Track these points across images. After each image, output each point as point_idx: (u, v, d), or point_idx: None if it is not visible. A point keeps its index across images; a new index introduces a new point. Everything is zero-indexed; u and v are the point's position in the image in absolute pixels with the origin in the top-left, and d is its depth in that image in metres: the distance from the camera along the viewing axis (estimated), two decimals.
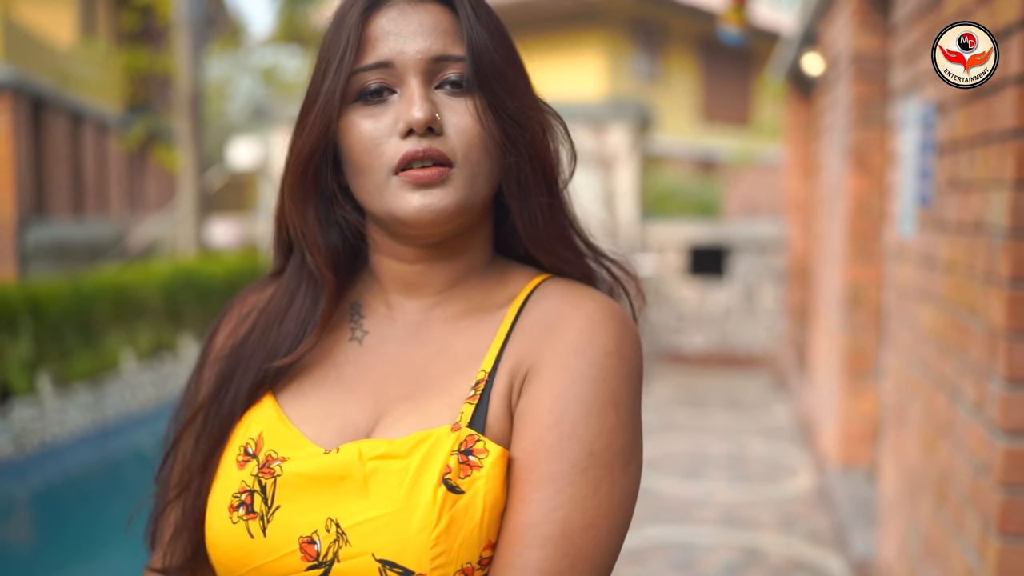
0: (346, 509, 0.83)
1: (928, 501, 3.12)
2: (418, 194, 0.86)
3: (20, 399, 7.28)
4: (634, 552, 4.63)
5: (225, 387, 0.93)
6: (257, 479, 0.87)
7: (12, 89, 11.26)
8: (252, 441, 0.89)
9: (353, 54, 0.87)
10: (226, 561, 0.87)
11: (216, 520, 0.88)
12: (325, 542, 0.83)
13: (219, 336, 1.01)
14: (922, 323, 3.28)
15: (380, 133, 0.87)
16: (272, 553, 0.84)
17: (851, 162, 5.01)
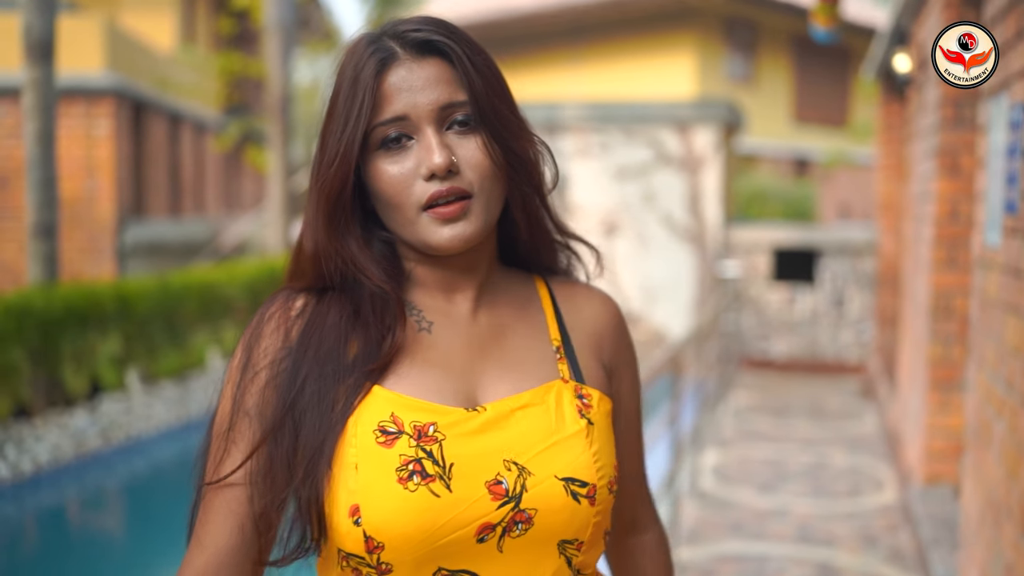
0: (516, 449, 1.01)
1: (1012, 527, 2.95)
2: (446, 228, 1.02)
3: (109, 394, 7.52)
4: (704, 564, 4.51)
5: (320, 389, 1.01)
6: (419, 448, 0.98)
7: (115, 94, 11.63)
8: (387, 422, 0.99)
9: (370, 110, 1.01)
10: (410, 530, 0.96)
11: (388, 497, 0.96)
12: (511, 479, 0.99)
13: (260, 347, 1.05)
14: (1007, 338, 3.10)
15: (406, 175, 1.02)
16: (461, 503, 0.97)
17: (939, 164, 4.79)
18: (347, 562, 1.00)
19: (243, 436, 1.02)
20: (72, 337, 7.00)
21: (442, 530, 0.97)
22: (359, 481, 0.97)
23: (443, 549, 0.98)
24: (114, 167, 11.65)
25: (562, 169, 6.83)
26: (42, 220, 7.22)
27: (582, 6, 18.03)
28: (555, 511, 1.00)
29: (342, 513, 0.98)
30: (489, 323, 1.11)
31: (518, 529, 0.99)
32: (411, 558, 0.97)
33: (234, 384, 1.04)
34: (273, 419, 1.01)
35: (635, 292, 10.44)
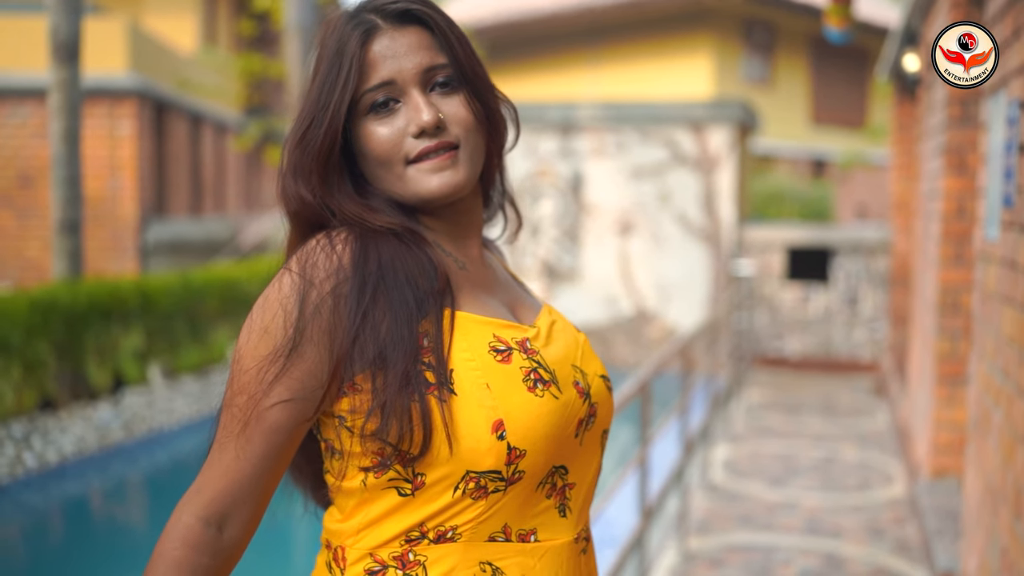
0: (571, 355, 1.16)
1: (1007, 511, 3.03)
2: (435, 176, 1.10)
3: (132, 388, 7.67)
4: (714, 554, 4.60)
5: (393, 313, 1.05)
6: (530, 359, 1.09)
7: (137, 95, 11.81)
8: (495, 342, 1.09)
9: (357, 77, 1.09)
10: (548, 431, 1.07)
11: (527, 406, 1.06)
12: (582, 379, 1.14)
13: (317, 277, 1.05)
14: (1004, 328, 3.19)
15: (395, 134, 1.10)
16: (569, 403, 1.10)
17: (946, 162, 4.87)
18: (464, 485, 1.04)
19: (305, 360, 1.03)
20: (96, 332, 7.15)
21: (565, 429, 1.09)
22: (497, 397, 1.04)
23: (560, 447, 1.09)
24: (137, 166, 11.83)
25: (578, 169, 7.10)
26: (67, 217, 7.38)
27: (600, 7, 18.09)
28: (604, 403, 1.17)
29: (483, 431, 1.03)
30: (489, 262, 1.23)
31: (590, 422, 1.14)
32: (543, 460, 1.07)
33: (287, 321, 1.03)
34: (345, 339, 1.04)
35: (650, 290, 10.52)
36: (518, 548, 1.08)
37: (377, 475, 1.07)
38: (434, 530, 1.06)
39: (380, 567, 1.07)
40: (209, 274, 8.77)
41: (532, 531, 1.09)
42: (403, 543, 1.07)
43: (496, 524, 1.07)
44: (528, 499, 1.08)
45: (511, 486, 1.06)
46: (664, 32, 18.26)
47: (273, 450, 1.06)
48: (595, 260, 10.71)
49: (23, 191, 11.74)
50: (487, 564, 1.07)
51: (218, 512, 1.06)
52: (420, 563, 1.06)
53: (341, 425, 1.08)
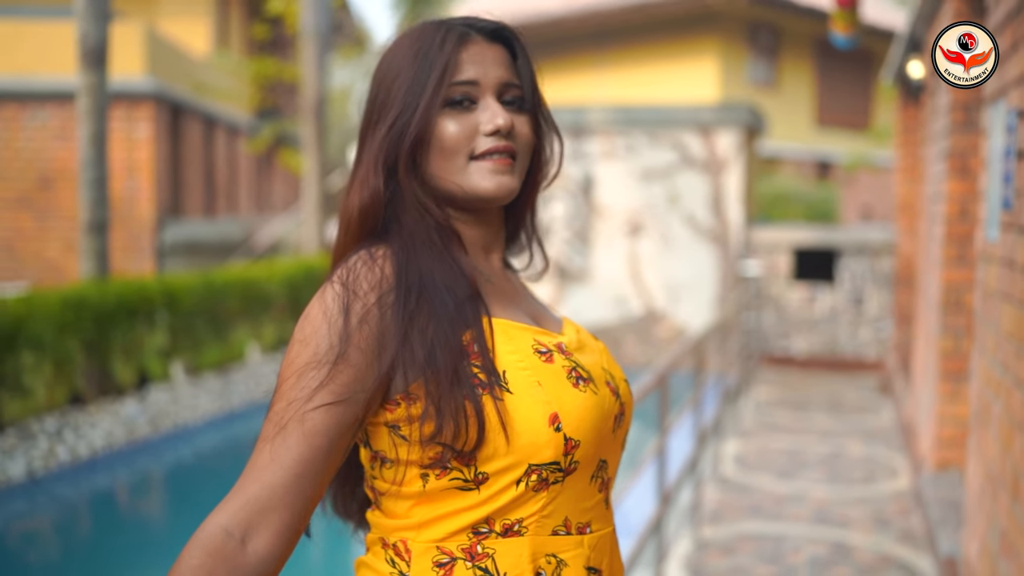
0: (599, 360, 1.25)
1: (1006, 496, 3.21)
2: (496, 176, 1.17)
3: (156, 385, 7.88)
4: (725, 542, 4.78)
5: (435, 319, 1.10)
6: (570, 360, 1.17)
7: (154, 98, 12.02)
8: (537, 344, 1.16)
9: (452, 71, 1.17)
10: (595, 423, 1.14)
11: (576, 400, 1.13)
12: (612, 381, 1.22)
13: (361, 289, 1.10)
14: (1003, 324, 3.37)
15: (468, 130, 1.17)
16: (605, 399, 1.18)
17: (949, 166, 5.05)
18: (527, 478, 1.09)
19: (352, 366, 1.06)
20: (123, 330, 7.36)
21: (606, 423, 1.17)
22: (549, 392, 1.11)
23: (603, 440, 1.17)
24: (153, 168, 12.04)
25: (588, 171, 7.36)
26: (94, 218, 7.59)
27: (606, 11, 18.25)
28: (629, 404, 1.24)
29: (541, 424, 1.08)
30: (511, 276, 1.30)
31: (621, 420, 1.22)
32: (593, 451, 1.14)
33: (332, 331, 1.07)
34: (391, 345, 1.08)
35: (659, 290, 10.71)
36: (578, 540, 1.14)
37: (439, 476, 1.10)
38: (500, 523, 1.10)
39: (449, 559, 1.09)
40: (229, 274, 8.97)
41: (588, 523, 1.16)
42: (470, 536, 1.10)
43: (558, 518, 1.13)
44: (583, 492, 1.15)
45: (568, 476, 1.12)
46: (670, 35, 18.41)
47: (312, 455, 1.04)
48: (605, 261, 10.91)
49: (43, 193, 11.96)
50: (552, 556, 1.12)
51: (243, 521, 1.01)
52: (489, 555, 1.10)
53: (395, 434, 1.11)
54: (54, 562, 5.66)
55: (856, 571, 4.42)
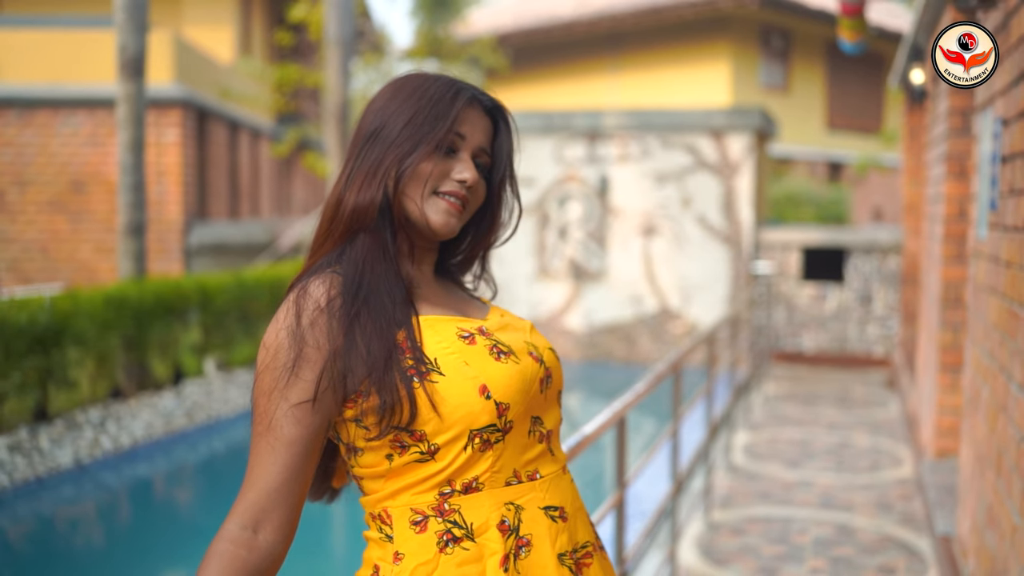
0: (523, 336, 1.44)
1: (992, 473, 3.50)
2: (447, 216, 1.39)
3: (191, 379, 8.23)
4: (735, 524, 5.08)
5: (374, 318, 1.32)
6: (488, 338, 1.36)
7: (182, 104, 12.38)
8: (460, 331, 1.36)
9: (454, 121, 1.39)
10: (519, 386, 1.34)
11: (498, 371, 1.32)
12: (535, 351, 1.41)
13: (308, 304, 1.30)
14: (989, 315, 3.65)
15: (444, 170, 1.40)
16: (527, 366, 1.37)
17: (948, 169, 5.33)
18: (471, 443, 1.30)
19: (310, 362, 1.27)
20: (159, 327, 7.70)
21: (531, 385, 1.37)
22: (475, 369, 1.31)
23: (530, 400, 1.37)
24: (181, 172, 12.39)
25: (604, 173, 7.76)
26: (132, 220, 7.94)
27: (619, 15, 18.50)
28: (556, 369, 1.45)
29: (473, 395, 1.29)
30: (445, 283, 1.50)
31: (549, 381, 1.42)
32: (523, 410, 1.35)
33: (289, 336, 1.28)
34: (338, 340, 1.29)
35: (672, 290, 11.01)
36: (529, 487, 1.35)
37: (401, 454, 1.30)
38: (460, 483, 1.30)
39: (422, 517, 1.30)
40: (259, 274, 9.31)
41: (535, 471, 1.36)
42: (437, 497, 1.30)
43: (507, 471, 1.33)
44: (524, 446, 1.35)
45: (507, 435, 1.32)
46: (683, 39, 18.65)
47: (293, 461, 1.27)
48: (620, 261, 11.21)
49: (76, 196, 12.34)
50: (510, 504, 1.32)
51: (252, 518, 1.26)
52: (456, 510, 1.30)
53: (358, 426, 1.31)
54: (101, 543, 6.01)
55: (859, 550, 4.71)
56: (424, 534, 1.29)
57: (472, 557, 1.29)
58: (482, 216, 1.51)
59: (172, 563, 5.62)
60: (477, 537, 1.30)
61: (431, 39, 15.71)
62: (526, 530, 1.32)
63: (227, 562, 1.24)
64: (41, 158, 12.30)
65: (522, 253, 11.46)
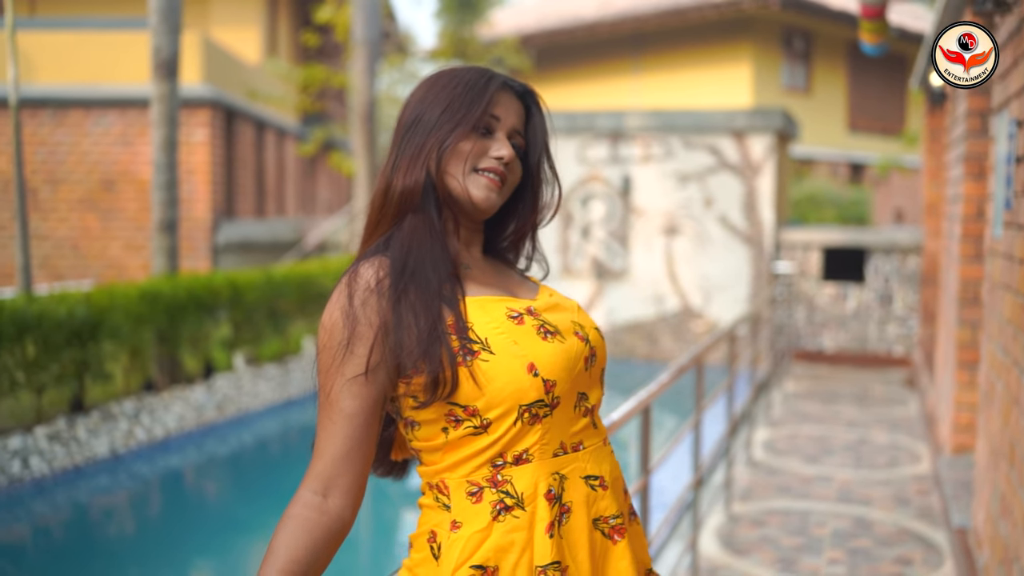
0: (570, 316, 1.51)
1: (1004, 464, 3.60)
2: (486, 190, 1.47)
3: (221, 374, 8.42)
4: (755, 516, 5.19)
5: (422, 296, 1.39)
6: (536, 318, 1.44)
7: (210, 104, 12.60)
8: (510, 311, 1.44)
9: (488, 103, 1.49)
10: (565, 364, 1.42)
11: (545, 349, 1.41)
12: (581, 331, 1.49)
13: (359, 286, 1.39)
14: (1004, 312, 3.75)
15: (482, 148, 1.48)
16: (573, 345, 1.45)
17: (966, 169, 5.42)
18: (521, 417, 1.37)
19: (363, 339, 1.36)
20: (191, 322, 7.89)
21: (576, 363, 1.44)
22: (523, 348, 1.39)
23: (575, 377, 1.44)
24: (209, 171, 12.60)
25: (627, 174, 7.94)
26: (165, 217, 8.13)
27: (642, 15, 18.58)
28: (600, 347, 1.52)
29: (521, 373, 1.37)
30: (489, 261, 1.58)
31: (593, 359, 1.48)
32: (569, 386, 1.42)
33: (343, 316, 1.37)
34: (387, 315, 1.37)
35: (694, 289, 11.12)
36: (574, 457, 1.43)
37: (455, 428, 1.38)
38: (511, 455, 1.38)
39: (477, 488, 1.38)
40: (288, 271, 9.49)
41: (580, 442, 1.45)
42: (490, 468, 1.38)
43: (555, 443, 1.41)
44: (570, 419, 1.43)
45: (554, 410, 1.40)
46: (705, 41, 18.71)
47: (353, 432, 1.37)
48: (643, 260, 11.33)
49: (106, 194, 12.58)
50: (556, 474, 1.41)
51: (322, 485, 1.37)
52: (508, 481, 1.38)
53: (415, 401, 1.39)
54: (136, 530, 6.19)
55: (876, 542, 4.81)
56: (479, 504, 1.38)
57: (522, 524, 1.38)
58: (523, 197, 1.59)
59: (204, 551, 5.79)
60: (527, 506, 1.38)
61: (456, 40, 15.87)
62: (567, 498, 1.42)
63: (300, 524, 1.34)
64: (73, 157, 12.55)
65: (545, 252, 11.56)
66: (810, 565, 4.47)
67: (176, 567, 5.54)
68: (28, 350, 6.33)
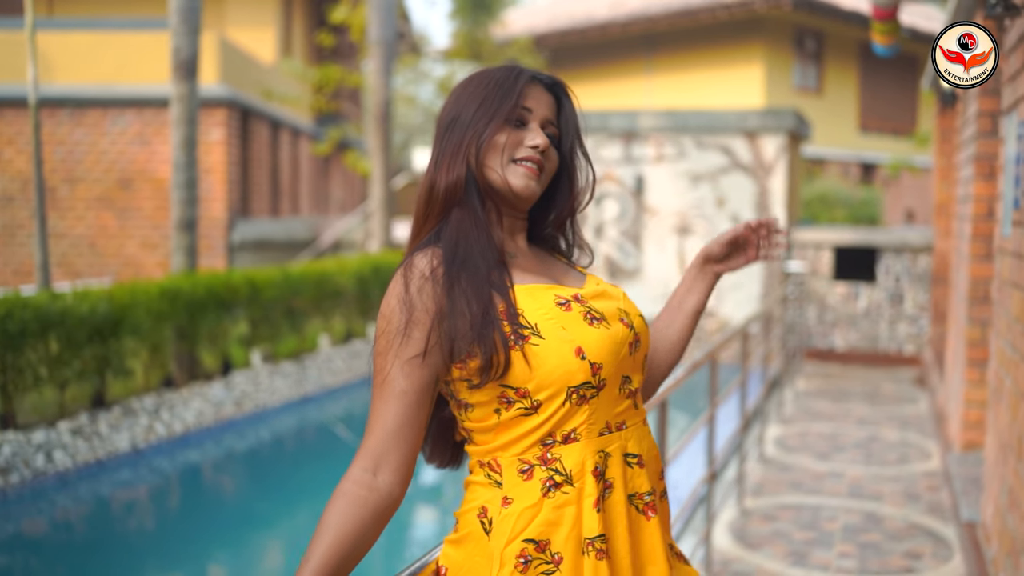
0: (616, 303, 1.57)
1: (1013, 458, 3.67)
2: (527, 179, 1.55)
3: (238, 370, 8.53)
4: (767, 511, 5.26)
5: (474, 284, 1.47)
6: (583, 305, 1.51)
7: (227, 104, 12.72)
8: (557, 298, 1.51)
9: (519, 96, 1.57)
10: (611, 348, 1.49)
11: (591, 334, 1.48)
12: (626, 318, 1.55)
13: (415, 275, 1.47)
14: (1012, 309, 3.83)
15: (513, 141, 1.56)
16: (619, 331, 1.52)
17: (976, 170, 5.48)
18: (569, 398, 1.45)
19: (419, 324, 1.44)
20: (209, 319, 8.01)
21: (621, 348, 1.51)
22: (571, 333, 1.47)
23: (620, 360, 1.52)
24: (225, 170, 12.73)
25: (639, 173, 8.06)
26: (185, 216, 8.25)
27: (654, 16, 18.65)
28: (644, 333, 1.59)
29: (570, 356, 1.44)
30: (534, 250, 1.65)
31: (637, 345, 1.55)
32: (614, 369, 1.49)
33: (400, 303, 1.45)
34: (442, 302, 1.45)
35: None
36: (617, 436, 1.50)
37: (507, 409, 1.45)
38: (560, 434, 1.45)
39: (528, 466, 1.45)
40: (306, 268, 9.61)
41: (623, 422, 1.52)
42: (540, 447, 1.45)
43: (600, 423, 1.48)
44: (615, 401, 1.51)
45: (600, 391, 1.47)
46: (717, 41, 18.77)
47: (405, 410, 1.44)
48: (655, 259, 11.41)
49: (123, 193, 12.72)
50: (601, 452, 1.48)
51: (372, 462, 1.43)
52: (557, 459, 1.45)
53: (468, 384, 1.46)
54: (157, 522, 6.30)
55: (886, 537, 4.88)
56: (530, 481, 1.45)
57: (570, 500, 1.45)
58: (560, 184, 1.66)
59: (222, 543, 5.90)
60: (575, 482, 1.45)
61: (470, 41, 15.96)
62: (609, 474, 1.49)
63: (350, 500, 1.41)
64: (91, 156, 12.69)
65: None
66: (821, 559, 4.55)
67: (195, 559, 5.65)
68: (51, 346, 6.45)
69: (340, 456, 7.98)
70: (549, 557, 1.43)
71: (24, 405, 6.53)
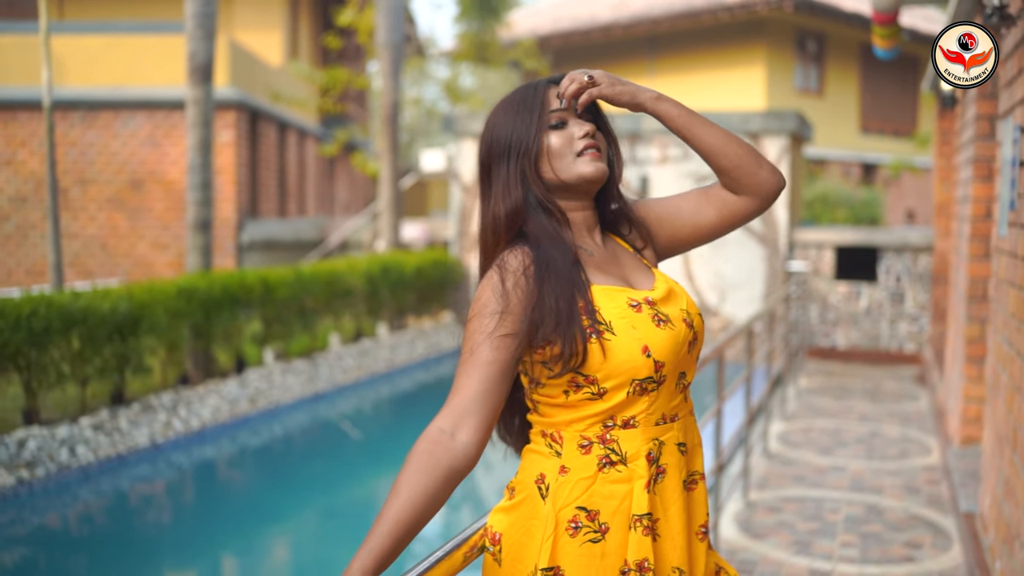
0: (681, 303, 1.69)
1: (1008, 449, 3.83)
2: (594, 163, 1.67)
3: (252, 368, 8.70)
4: (771, 503, 5.42)
5: (559, 283, 1.60)
6: (651, 308, 1.63)
7: (236, 106, 12.88)
8: (630, 300, 1.64)
9: (546, 103, 1.70)
10: (672, 348, 1.62)
11: (658, 335, 1.60)
12: (687, 317, 1.67)
13: (510, 269, 1.61)
14: (1009, 306, 3.99)
15: (565, 140, 1.69)
16: (681, 332, 1.64)
17: (975, 171, 5.64)
18: (632, 389, 1.57)
19: (511, 312, 1.58)
20: (224, 318, 8.17)
21: (682, 347, 1.64)
22: (640, 332, 1.59)
23: (679, 359, 1.64)
24: (235, 172, 12.89)
25: (644, 174, 8.31)
26: (200, 217, 8.42)
27: (656, 17, 18.79)
28: (702, 331, 1.72)
29: (637, 353, 1.57)
30: (614, 250, 1.75)
31: (695, 343, 1.68)
32: (674, 367, 1.62)
33: (495, 293, 1.59)
34: (534, 296, 1.59)
35: (710, 288, 11.35)
36: (670, 426, 1.64)
37: (575, 392, 1.59)
38: (620, 419, 1.59)
39: (588, 442, 1.59)
40: (316, 268, 9.77)
41: (676, 414, 1.66)
42: (601, 428, 1.58)
43: (657, 414, 1.61)
44: (671, 394, 1.64)
45: (660, 385, 1.61)
46: (719, 43, 18.90)
47: (490, 375, 1.56)
48: None
49: (134, 194, 12.88)
50: (655, 440, 1.61)
51: (451, 422, 1.53)
52: (615, 440, 1.58)
53: (544, 366, 1.59)
54: (175, 515, 6.47)
55: (887, 527, 5.04)
56: (588, 456, 1.59)
57: (623, 478, 1.59)
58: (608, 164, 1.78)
59: (237, 535, 6.07)
60: (629, 463, 1.59)
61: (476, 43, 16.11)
62: (664, 461, 1.63)
63: (426, 458, 1.50)
64: (102, 158, 12.86)
65: None
66: (824, 548, 4.71)
67: (211, 551, 5.81)
68: (74, 344, 6.62)
69: (351, 452, 8.15)
70: (597, 527, 1.57)
71: (48, 401, 6.70)
